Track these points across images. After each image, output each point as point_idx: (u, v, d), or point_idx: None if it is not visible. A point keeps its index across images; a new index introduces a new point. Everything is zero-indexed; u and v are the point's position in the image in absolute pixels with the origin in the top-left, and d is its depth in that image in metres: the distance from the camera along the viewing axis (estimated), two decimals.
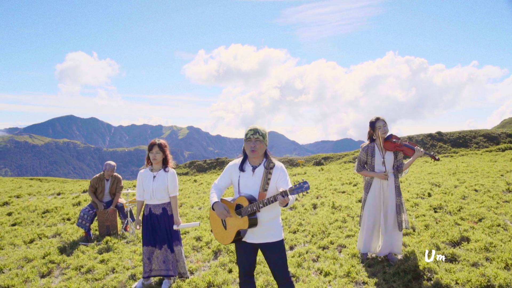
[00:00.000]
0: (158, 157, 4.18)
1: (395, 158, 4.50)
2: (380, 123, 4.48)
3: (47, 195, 13.36)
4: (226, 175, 3.20)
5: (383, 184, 4.51)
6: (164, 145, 4.26)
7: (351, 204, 7.97)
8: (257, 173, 3.06)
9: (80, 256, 5.43)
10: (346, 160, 41.98)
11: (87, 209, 6.69)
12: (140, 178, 4.27)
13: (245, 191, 3.08)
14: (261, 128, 3.04)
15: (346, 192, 9.91)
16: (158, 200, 4.23)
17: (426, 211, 6.68)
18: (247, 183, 3.07)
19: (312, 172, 20.01)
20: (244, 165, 3.12)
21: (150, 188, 4.18)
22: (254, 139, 3.02)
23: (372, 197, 4.57)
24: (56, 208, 9.37)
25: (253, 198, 3.02)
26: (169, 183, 4.22)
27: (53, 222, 8.00)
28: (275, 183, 3.04)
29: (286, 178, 3.04)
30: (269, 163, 3.07)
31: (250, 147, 3.00)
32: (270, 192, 3.03)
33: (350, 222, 6.34)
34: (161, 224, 4.23)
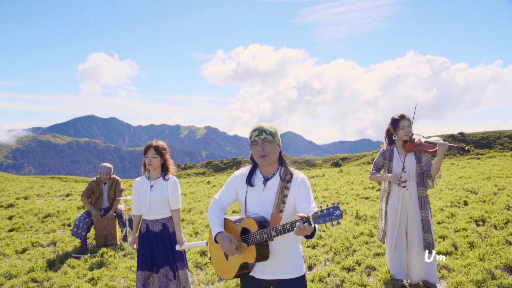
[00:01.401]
0: (155, 162, 3.46)
1: (418, 162, 3.68)
2: (405, 122, 3.68)
3: (55, 196, 12.96)
4: (230, 188, 2.46)
5: (404, 194, 3.71)
6: (163, 147, 3.53)
7: (377, 213, 7.11)
8: (269, 186, 2.31)
9: (68, 272, 4.78)
10: (365, 161, 40.82)
11: (83, 216, 6.06)
12: (136, 188, 3.55)
13: (254, 210, 2.33)
14: (267, 125, 2.31)
15: (369, 198, 9.04)
16: (157, 215, 3.50)
17: (467, 223, 5.77)
18: (256, 201, 2.33)
19: (330, 174, 19.09)
20: (253, 177, 2.38)
21: (146, 200, 3.46)
22: (261, 141, 2.28)
23: (391, 208, 3.80)
24: (58, 212, 8.84)
25: (265, 221, 2.25)
26: (169, 193, 3.48)
27: (52, 228, 7.44)
28: (293, 201, 2.28)
29: (308, 195, 2.26)
30: (285, 173, 2.32)
31: (258, 152, 2.27)
32: (287, 213, 2.27)
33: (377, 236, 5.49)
34: (161, 244, 3.50)
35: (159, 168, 3.54)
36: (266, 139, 2.25)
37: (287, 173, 2.32)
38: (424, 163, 3.66)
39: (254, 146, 2.29)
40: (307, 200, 2.24)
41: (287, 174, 2.31)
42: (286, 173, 2.32)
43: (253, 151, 2.31)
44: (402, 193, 3.72)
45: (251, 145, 2.31)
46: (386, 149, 3.86)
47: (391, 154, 3.79)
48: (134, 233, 3.60)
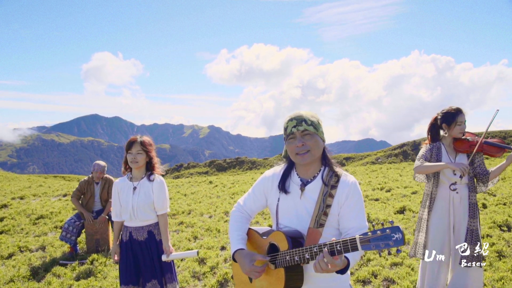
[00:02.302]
0: (140, 160, 2.99)
1: (470, 163, 3.17)
2: (462, 118, 3.15)
3: (52, 196, 12.55)
4: (258, 192, 1.98)
5: (454, 199, 3.19)
6: (149, 143, 3.07)
7: (389, 216, 6.63)
8: (308, 193, 1.81)
9: (52, 282, 4.33)
10: (369, 160, 40.25)
11: (73, 219, 5.62)
12: (116, 190, 3.09)
13: (288, 222, 1.85)
14: (308, 114, 1.81)
15: (380, 200, 8.55)
16: (141, 221, 3.04)
17: (490, 229, 5.29)
18: (291, 210, 1.85)
19: None
20: (287, 181, 1.88)
21: (129, 204, 2.99)
22: (300, 133, 1.78)
23: (439, 217, 3.24)
24: (51, 213, 8.41)
25: (299, 236, 1.76)
26: (155, 196, 3.02)
27: (43, 231, 7.00)
28: (337, 213, 1.78)
29: (359, 207, 1.76)
30: (329, 176, 1.81)
31: (296, 148, 1.77)
32: (329, 228, 1.78)
33: None
34: (146, 254, 3.04)
35: (143, 167, 3.08)
36: (307, 131, 1.76)
37: (332, 175, 1.80)
38: (477, 165, 3.16)
39: (290, 140, 1.80)
40: (356, 215, 1.73)
41: (332, 177, 1.79)
42: (331, 175, 1.80)
43: (288, 147, 1.81)
44: (451, 198, 3.19)
45: (286, 139, 1.83)
46: (432, 146, 3.29)
47: (439, 153, 3.24)
48: (114, 242, 3.12)
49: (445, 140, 3.27)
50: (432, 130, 3.31)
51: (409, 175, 13.92)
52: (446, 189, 3.20)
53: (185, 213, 8.26)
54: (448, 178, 3.19)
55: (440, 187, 3.24)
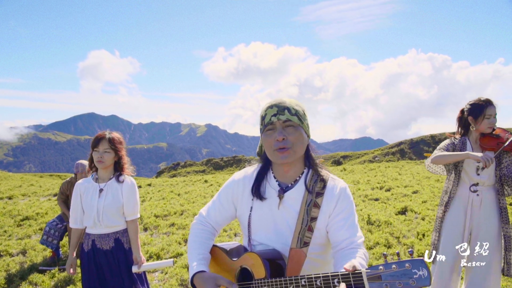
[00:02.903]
0: (107, 159, 2.64)
1: (497, 163, 2.82)
2: (492, 111, 2.79)
3: (42, 196, 12.18)
4: (225, 200, 1.60)
5: (473, 202, 2.84)
6: (118, 140, 2.71)
7: (390, 217, 6.32)
8: (288, 201, 1.46)
9: None
10: (366, 159, 40.11)
11: (55, 222, 5.26)
12: (77, 193, 2.71)
13: (263, 239, 1.50)
14: (292, 102, 1.45)
15: (380, 199, 8.24)
16: (107, 228, 2.66)
17: None
18: (267, 224, 1.49)
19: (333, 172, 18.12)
20: (262, 184, 1.52)
21: (94, 208, 2.63)
22: (282, 124, 1.41)
23: (454, 218, 2.90)
24: (37, 214, 8.05)
25: (278, 258, 1.41)
26: (125, 199, 2.67)
27: (26, 234, 6.64)
28: (325, 227, 1.44)
29: (350, 216, 1.43)
30: (314, 180, 1.46)
31: (275, 143, 1.40)
32: (316, 247, 1.45)
33: (396, 247, 4.68)
34: (113, 266, 2.67)
35: (111, 167, 2.72)
36: (290, 122, 1.40)
37: (316, 179, 1.46)
38: (505, 165, 2.79)
39: (268, 132, 1.42)
40: (348, 225, 1.39)
41: (317, 182, 1.45)
42: (316, 179, 1.46)
43: (265, 140, 1.43)
44: (471, 200, 2.85)
45: (263, 130, 1.44)
46: (457, 140, 2.96)
47: (463, 148, 2.89)
48: (71, 254, 2.72)
49: (472, 135, 2.91)
50: (461, 123, 2.96)
51: (408, 174, 13.64)
52: (466, 189, 2.87)
53: (177, 214, 7.91)
54: (470, 178, 2.85)
55: (460, 186, 2.91)
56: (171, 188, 13.10)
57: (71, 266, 2.69)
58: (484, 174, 2.80)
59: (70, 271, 2.68)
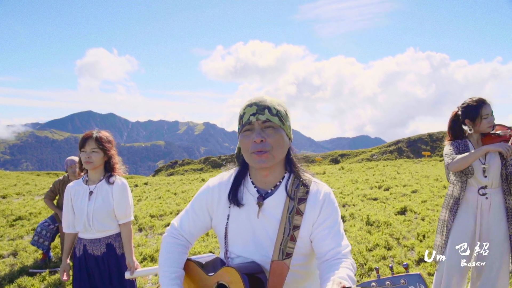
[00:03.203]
0: (96, 159, 2.50)
1: (503, 162, 2.69)
2: (488, 110, 2.66)
3: (36, 195, 12.02)
4: (199, 209, 1.46)
5: (482, 205, 2.72)
6: (107, 139, 2.57)
7: (389, 218, 6.21)
8: (268, 209, 1.34)
9: None
10: (364, 157, 40.02)
11: (47, 222, 5.12)
12: (68, 196, 2.58)
13: (241, 251, 1.38)
14: (274, 101, 1.33)
15: (378, 199, 8.13)
16: (98, 232, 2.53)
17: None
18: (245, 234, 1.37)
19: (332, 171, 18.18)
20: (240, 190, 1.40)
21: (84, 212, 2.49)
22: (261, 125, 1.29)
23: (462, 223, 2.77)
24: (31, 214, 7.91)
25: (258, 272, 1.29)
26: (116, 202, 2.54)
27: (19, 234, 6.50)
28: (309, 235, 1.33)
29: (335, 224, 1.32)
30: (296, 185, 1.35)
31: (253, 145, 1.28)
32: (300, 258, 1.34)
33: (396, 249, 4.57)
34: (104, 272, 2.55)
35: (100, 168, 2.58)
36: (270, 123, 1.28)
37: (298, 184, 1.35)
38: (510, 163, 2.66)
39: (246, 132, 1.30)
40: (333, 234, 1.29)
41: (298, 187, 1.34)
42: (298, 184, 1.35)
43: (243, 142, 1.31)
44: (479, 204, 2.71)
45: (240, 130, 1.33)
46: (458, 142, 2.79)
47: (465, 150, 2.73)
48: (64, 259, 2.60)
49: (472, 137, 2.78)
50: (454, 127, 2.82)
51: (407, 173, 13.56)
52: (474, 193, 2.73)
53: (173, 214, 7.78)
54: (477, 181, 2.71)
55: (467, 190, 2.77)
56: (168, 187, 12.97)
57: (64, 272, 2.56)
58: (491, 176, 2.68)
59: (63, 277, 2.56)
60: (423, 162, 20.32)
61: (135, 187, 13.95)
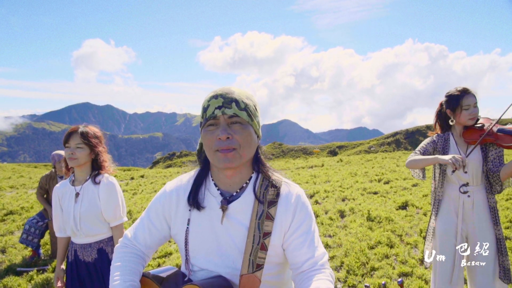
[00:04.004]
0: (80, 156, 2.26)
1: (484, 157, 2.48)
2: (470, 100, 2.44)
3: (30, 188, 11.82)
4: (155, 217, 1.28)
5: (464, 204, 2.52)
6: (94, 135, 2.33)
7: (391, 213, 6.04)
8: (234, 215, 1.18)
9: None
10: (361, 149, 39.92)
11: (35, 219, 4.92)
12: (56, 197, 2.37)
13: (204, 263, 1.20)
14: (242, 93, 1.17)
15: (379, 193, 7.96)
16: (88, 236, 2.32)
17: (507, 229, 4.71)
18: (207, 243, 1.20)
19: (330, 163, 18.01)
20: (200, 191, 1.23)
21: (70, 215, 2.28)
22: (227, 120, 1.13)
23: (444, 224, 2.58)
24: (22, 209, 7.70)
25: (228, 287, 1.12)
26: (103, 203, 2.29)
27: (9, 230, 6.31)
28: (281, 244, 1.17)
29: (309, 231, 1.17)
30: (265, 187, 1.19)
31: (217, 142, 1.11)
32: (271, 268, 1.18)
33: (400, 247, 4.40)
34: (96, 280, 2.33)
35: (86, 166, 2.34)
36: (238, 118, 1.13)
37: (267, 185, 1.19)
38: (491, 159, 2.46)
39: (210, 128, 1.13)
40: (308, 242, 1.14)
41: (268, 188, 1.18)
42: (267, 185, 1.19)
43: (205, 137, 1.14)
44: (461, 202, 2.54)
45: (203, 124, 1.15)
46: (438, 137, 2.63)
47: (445, 145, 2.57)
48: (58, 265, 2.40)
49: (455, 130, 2.59)
50: (440, 118, 2.64)
51: None
52: (455, 191, 2.54)
53: None
54: (458, 177, 2.52)
55: (447, 187, 2.58)
56: (164, 180, 12.78)
57: (58, 280, 2.36)
58: (471, 172, 2.47)
59: (58, 284, 2.35)
60: None
61: (131, 180, 13.76)
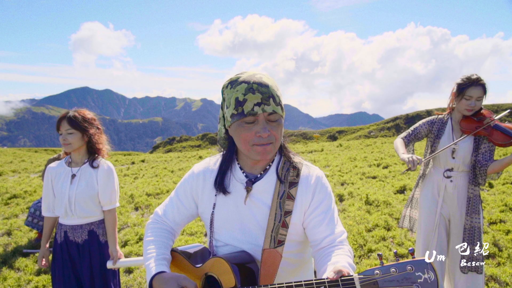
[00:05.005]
0: (73, 141, 2.33)
1: (475, 148, 2.54)
2: (474, 92, 2.46)
3: (32, 173, 11.93)
4: (184, 197, 1.36)
5: (446, 187, 2.61)
6: (84, 118, 2.37)
7: (389, 197, 6.15)
8: (257, 194, 1.24)
9: (8, 277, 3.78)
10: (361, 134, 40.01)
11: (40, 202, 5.02)
12: (49, 177, 2.42)
13: (229, 239, 1.28)
14: (273, 84, 1.18)
15: (377, 177, 8.06)
16: (80, 218, 2.38)
17: (502, 213, 4.81)
18: (233, 221, 1.27)
19: (329, 148, 18.10)
20: (227, 176, 1.29)
21: (65, 196, 2.35)
22: (267, 116, 1.15)
23: (430, 196, 2.69)
24: (25, 192, 7.81)
25: (249, 261, 1.19)
26: (100, 187, 2.38)
27: (13, 213, 6.42)
28: (302, 222, 1.23)
29: (329, 209, 1.22)
30: (286, 169, 1.25)
31: (255, 139, 1.15)
32: (292, 245, 1.26)
33: (396, 230, 4.51)
34: (86, 260, 2.42)
35: (83, 149, 2.42)
36: (275, 115, 1.16)
37: (289, 167, 1.25)
38: (481, 152, 2.53)
39: (247, 125, 1.15)
40: (328, 221, 1.20)
41: (289, 170, 1.25)
42: (288, 168, 1.25)
43: (241, 133, 1.16)
44: (443, 185, 2.62)
45: (236, 116, 1.15)
46: (437, 118, 2.70)
47: (442, 128, 2.64)
48: (43, 244, 2.47)
49: (454, 114, 2.65)
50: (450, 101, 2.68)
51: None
52: (439, 174, 2.64)
53: (170, 192, 7.70)
54: (444, 162, 2.61)
55: (433, 168, 2.71)
56: (165, 165, 12.88)
57: (43, 258, 2.45)
58: (459, 159, 2.56)
59: (42, 263, 2.44)
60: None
61: (132, 164, 13.87)
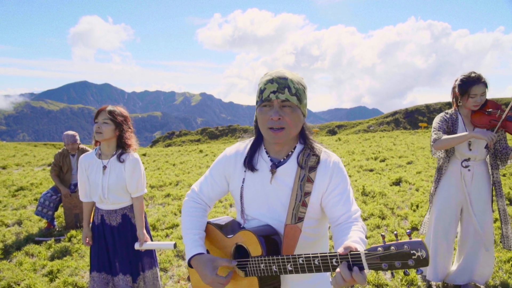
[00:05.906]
0: (106, 131, 2.51)
1: None
2: (478, 89, 2.65)
3: (36, 166, 12.14)
4: (217, 175, 1.59)
5: (465, 177, 2.82)
6: (120, 113, 2.58)
7: (385, 188, 6.37)
8: (281, 177, 1.44)
9: (24, 262, 4.00)
10: (361, 128, 40.17)
11: (49, 193, 5.23)
12: (83, 167, 2.65)
13: (256, 214, 1.49)
14: (295, 77, 1.38)
15: (374, 170, 8.29)
16: (114, 204, 2.65)
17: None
18: (260, 198, 1.48)
19: (328, 142, 18.34)
20: (255, 157, 1.50)
21: (99, 185, 2.58)
22: (279, 103, 1.36)
23: (446, 194, 2.90)
24: (32, 185, 8.01)
25: (273, 233, 1.41)
26: (128, 177, 2.58)
27: (21, 204, 6.63)
28: (320, 202, 1.43)
29: (345, 190, 1.41)
30: (307, 155, 1.44)
31: (269, 122, 1.36)
32: (310, 221, 1.45)
33: (390, 218, 4.73)
34: (120, 240, 2.68)
35: (112, 142, 2.62)
36: (289, 102, 1.35)
37: (309, 154, 1.44)
38: (497, 140, 2.75)
39: (264, 108, 1.37)
40: (344, 200, 1.39)
41: (309, 156, 1.43)
42: (309, 154, 1.44)
43: (260, 116, 1.39)
44: (462, 175, 2.83)
45: (259, 103, 1.39)
46: (448, 115, 2.85)
47: (454, 125, 2.81)
48: (86, 226, 2.73)
49: (462, 110, 2.84)
50: (454, 95, 2.86)
51: (403, 144, 13.69)
52: (457, 165, 2.85)
53: (172, 185, 7.92)
54: (461, 154, 2.82)
55: (451, 162, 2.89)
56: (166, 158, 13.09)
57: (87, 238, 2.70)
58: (475, 149, 2.77)
59: (86, 241, 2.71)
60: (419, 134, 20.47)
61: None
